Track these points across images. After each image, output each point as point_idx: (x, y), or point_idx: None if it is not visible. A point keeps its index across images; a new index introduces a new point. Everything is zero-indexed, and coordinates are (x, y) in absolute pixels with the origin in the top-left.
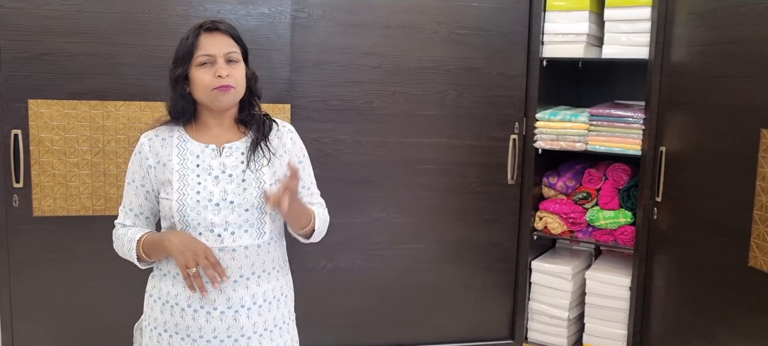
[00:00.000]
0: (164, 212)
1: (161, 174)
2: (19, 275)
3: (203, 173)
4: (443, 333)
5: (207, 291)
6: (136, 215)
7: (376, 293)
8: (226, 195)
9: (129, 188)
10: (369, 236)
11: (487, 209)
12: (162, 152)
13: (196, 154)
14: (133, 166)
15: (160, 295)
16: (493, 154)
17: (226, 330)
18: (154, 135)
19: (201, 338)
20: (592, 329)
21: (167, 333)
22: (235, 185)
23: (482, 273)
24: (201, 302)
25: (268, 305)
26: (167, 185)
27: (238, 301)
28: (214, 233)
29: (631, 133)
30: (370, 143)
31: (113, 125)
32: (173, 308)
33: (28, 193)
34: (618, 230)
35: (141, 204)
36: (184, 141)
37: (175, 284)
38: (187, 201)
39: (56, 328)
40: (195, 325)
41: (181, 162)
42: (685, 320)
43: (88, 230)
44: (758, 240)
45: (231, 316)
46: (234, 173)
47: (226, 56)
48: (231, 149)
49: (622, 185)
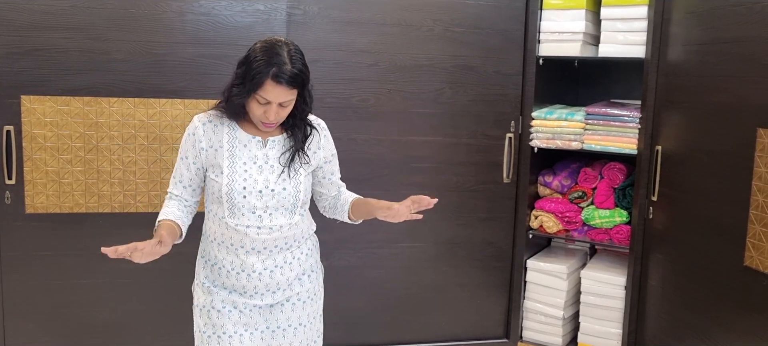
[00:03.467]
0: (212, 190)
1: (213, 157)
2: (11, 273)
3: (249, 162)
4: (438, 332)
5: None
6: (185, 186)
7: (372, 292)
8: (268, 184)
9: (181, 162)
10: (364, 234)
11: (482, 208)
12: (214, 138)
13: (244, 144)
14: (186, 146)
15: (208, 257)
16: (489, 152)
17: (264, 286)
18: (207, 120)
19: (245, 292)
20: (587, 328)
21: (216, 288)
22: (275, 176)
23: (477, 272)
24: (242, 265)
25: (297, 261)
26: (217, 168)
27: (272, 263)
28: (255, 215)
29: (627, 133)
30: (365, 141)
31: (107, 122)
32: (220, 269)
33: (20, 190)
34: (613, 229)
35: (191, 178)
36: (234, 130)
37: (220, 250)
38: (235, 186)
39: (48, 325)
40: (238, 283)
41: (231, 149)
42: (680, 319)
43: (81, 228)
44: (754, 240)
45: (267, 275)
46: (275, 164)
47: (280, 103)
48: (274, 143)
49: (618, 184)
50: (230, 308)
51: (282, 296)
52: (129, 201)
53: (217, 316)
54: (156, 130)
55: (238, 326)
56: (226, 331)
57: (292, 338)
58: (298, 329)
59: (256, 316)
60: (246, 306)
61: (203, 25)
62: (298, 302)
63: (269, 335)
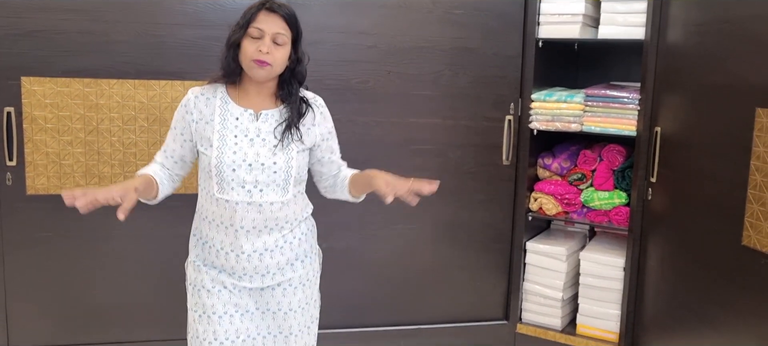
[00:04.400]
0: (202, 164)
1: (203, 130)
2: (12, 254)
3: (240, 135)
4: (437, 314)
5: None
6: (168, 156)
7: (371, 274)
8: (259, 157)
9: (171, 133)
10: (363, 216)
11: (481, 190)
12: (205, 110)
13: (236, 117)
14: (178, 117)
15: (199, 235)
16: (488, 134)
17: (253, 269)
18: (200, 93)
19: (234, 273)
20: (586, 310)
21: (206, 267)
22: (267, 150)
23: (477, 254)
24: (231, 246)
25: (288, 245)
26: (207, 141)
27: (262, 245)
28: (245, 189)
29: (626, 114)
30: (365, 123)
31: (107, 103)
32: (210, 248)
33: (21, 171)
34: (612, 210)
35: (175, 149)
36: (226, 103)
37: (210, 227)
38: (224, 159)
39: (50, 305)
40: (227, 263)
41: (222, 122)
42: (678, 300)
43: None
44: (752, 219)
45: (256, 258)
46: (267, 138)
47: (273, 36)
48: (266, 116)
49: (617, 166)
50: (220, 288)
51: (272, 281)
52: None
53: (207, 295)
54: (156, 112)
55: (228, 306)
56: (216, 311)
57: (282, 322)
58: (288, 313)
59: (245, 297)
60: (235, 287)
61: (203, 7)
62: (290, 288)
63: (259, 317)
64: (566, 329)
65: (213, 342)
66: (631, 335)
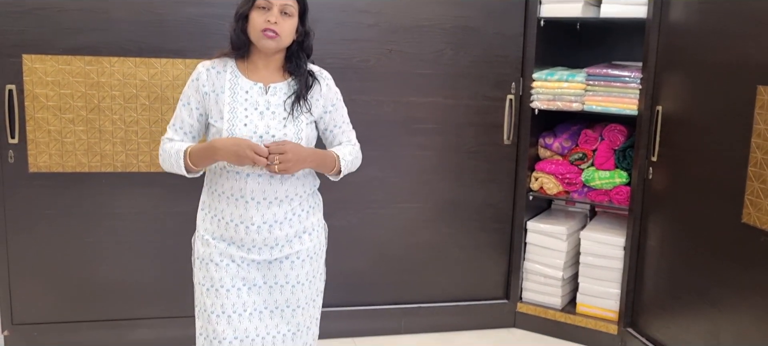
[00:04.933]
0: (212, 137)
1: (214, 102)
2: (15, 231)
3: (250, 108)
4: (438, 293)
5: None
6: (185, 132)
7: (372, 253)
8: (269, 129)
9: (183, 108)
10: (365, 194)
11: (482, 169)
12: (217, 83)
13: (245, 90)
14: (190, 91)
15: (209, 209)
16: (490, 114)
17: (262, 241)
18: (210, 66)
19: (243, 246)
20: (586, 289)
21: (215, 240)
22: (276, 122)
23: (477, 233)
24: (241, 217)
25: (297, 217)
26: (218, 113)
27: (272, 216)
28: None
29: (627, 93)
30: (366, 102)
31: (108, 81)
32: (220, 221)
33: (23, 149)
34: (613, 190)
35: (192, 124)
36: (236, 76)
37: (221, 201)
38: (235, 131)
39: (53, 283)
40: (237, 235)
41: (232, 95)
42: (678, 278)
43: (85, 187)
44: (752, 197)
45: (266, 229)
46: (276, 110)
47: (281, 7)
48: (275, 89)
49: (618, 145)
50: (228, 262)
51: (281, 253)
52: (131, 160)
53: (216, 269)
54: (157, 90)
55: (236, 280)
56: (224, 284)
57: (290, 295)
58: (296, 286)
59: (253, 271)
60: (244, 261)
61: None
62: (297, 260)
63: (266, 291)
64: (566, 307)
65: (221, 315)
66: (630, 313)
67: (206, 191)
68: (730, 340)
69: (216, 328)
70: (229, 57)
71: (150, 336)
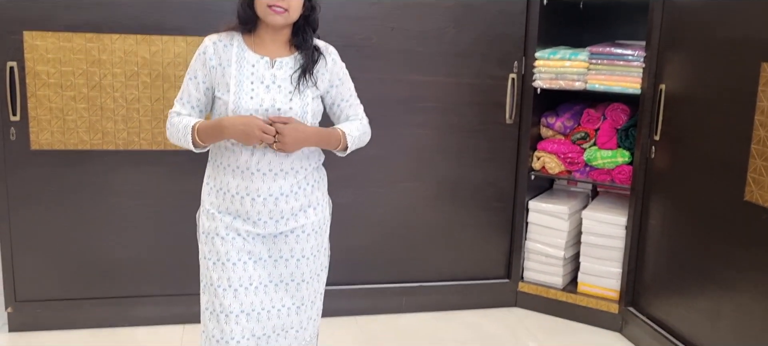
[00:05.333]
0: (219, 110)
1: (221, 76)
2: (18, 209)
3: (257, 82)
4: (439, 272)
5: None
6: (192, 106)
7: (373, 231)
8: (275, 103)
9: (190, 82)
10: (366, 173)
11: (484, 149)
12: (223, 56)
13: (252, 64)
14: (197, 65)
15: (214, 183)
16: (492, 93)
17: (268, 213)
18: (217, 39)
19: (248, 219)
20: (588, 268)
21: (220, 214)
22: (282, 95)
23: (479, 213)
24: (247, 190)
25: (302, 191)
26: (224, 86)
27: (278, 189)
28: None
29: (631, 72)
30: (368, 80)
31: (109, 59)
32: (225, 194)
33: (25, 126)
34: (615, 169)
35: (199, 98)
36: (242, 50)
37: (226, 174)
38: (241, 104)
39: (56, 261)
40: (242, 208)
41: (239, 69)
42: (679, 257)
43: (86, 165)
44: (755, 174)
45: (272, 202)
46: (283, 84)
47: None
48: (281, 63)
49: (621, 124)
50: (234, 236)
51: (286, 227)
52: (133, 138)
53: (221, 243)
54: (158, 67)
55: (242, 254)
56: (230, 258)
57: (294, 269)
58: (301, 260)
59: (259, 245)
60: (249, 234)
61: None
62: (303, 234)
63: (272, 265)
64: (567, 287)
65: (227, 289)
66: (631, 292)
67: (211, 165)
68: (732, 317)
69: (222, 301)
70: (235, 31)
71: (152, 313)
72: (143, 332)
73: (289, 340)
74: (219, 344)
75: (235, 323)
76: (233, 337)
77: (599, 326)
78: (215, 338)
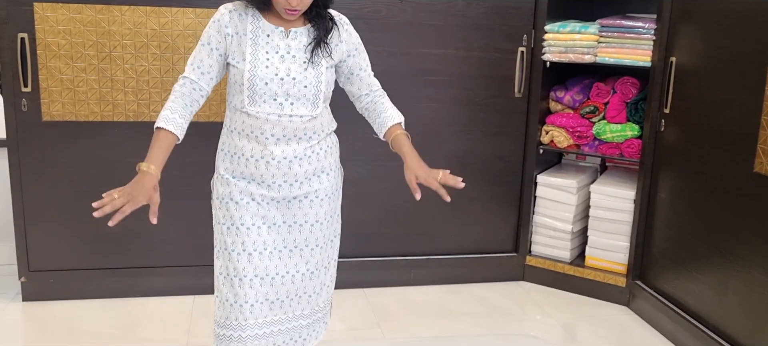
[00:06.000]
0: (234, 78)
1: (236, 44)
2: (30, 180)
3: (272, 51)
4: (447, 246)
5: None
6: (202, 72)
7: (381, 204)
8: (290, 72)
9: (203, 48)
10: (374, 146)
11: (493, 122)
12: (239, 25)
13: (267, 33)
14: (211, 32)
15: (228, 148)
16: (501, 66)
17: (282, 176)
18: (232, 8)
19: (263, 182)
20: (596, 242)
21: (235, 179)
22: (297, 65)
23: (487, 186)
24: (261, 153)
25: (315, 155)
26: (240, 55)
27: (291, 152)
28: (277, 102)
29: (641, 45)
30: (376, 53)
31: (119, 30)
32: (239, 158)
33: (36, 97)
34: (624, 143)
35: (210, 65)
36: (257, 19)
37: (241, 138)
38: (256, 73)
39: (68, 231)
40: (257, 172)
41: (254, 38)
42: (688, 230)
43: (97, 136)
44: (764, 146)
45: (285, 164)
46: (297, 55)
47: None
48: (296, 34)
49: (631, 98)
50: (248, 200)
51: (299, 191)
52: (143, 110)
53: (235, 207)
54: (168, 39)
55: (256, 219)
56: (244, 222)
57: (308, 234)
58: (315, 225)
59: (273, 209)
60: (263, 199)
61: None
62: (316, 199)
63: (285, 230)
64: (575, 261)
65: (241, 253)
66: (639, 266)
67: (225, 131)
68: (740, 289)
69: (236, 265)
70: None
71: (163, 285)
72: (154, 303)
73: (302, 305)
74: (232, 307)
75: (249, 287)
76: (247, 301)
77: (606, 300)
78: (229, 301)
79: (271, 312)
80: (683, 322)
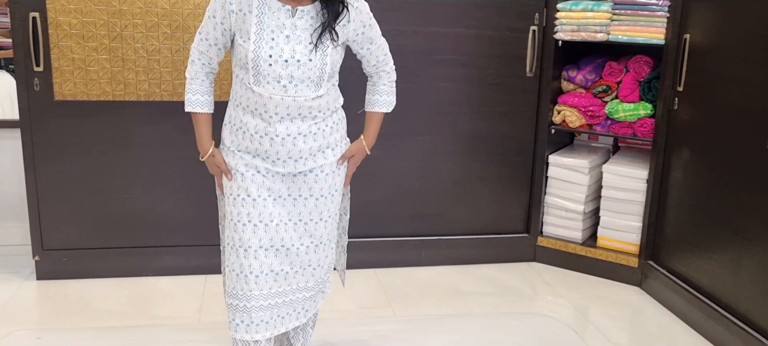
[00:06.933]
0: (239, 55)
1: (241, 22)
2: (43, 159)
3: (277, 30)
4: (459, 226)
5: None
6: (210, 44)
7: (392, 185)
8: (294, 53)
9: (209, 21)
10: (384, 126)
11: (504, 102)
12: (244, 2)
13: (273, 11)
14: (216, 6)
15: (234, 122)
16: (512, 45)
17: (286, 153)
18: None
19: (268, 157)
20: (608, 222)
21: (240, 152)
22: (302, 46)
23: (499, 166)
24: (265, 129)
25: (321, 132)
26: (245, 33)
27: (296, 130)
28: (281, 84)
29: (654, 22)
30: (387, 32)
31: (130, 9)
32: (244, 133)
33: (48, 77)
34: (637, 122)
35: (217, 37)
36: None
37: (245, 114)
38: (261, 53)
39: (81, 210)
40: (261, 148)
41: (259, 16)
42: (701, 208)
43: (109, 116)
44: None
45: (290, 141)
46: (303, 34)
47: None
48: (303, 12)
49: (644, 77)
50: (254, 172)
51: (305, 167)
52: (154, 89)
53: (241, 178)
54: (179, 18)
55: (262, 190)
56: (251, 193)
57: (313, 207)
58: (320, 199)
59: (278, 182)
60: (269, 172)
61: None
62: (322, 174)
63: (291, 203)
64: (587, 241)
65: (247, 223)
66: (651, 246)
67: (231, 105)
68: (753, 268)
69: (242, 236)
70: None
71: (174, 264)
72: (166, 282)
73: (306, 277)
74: (238, 278)
75: (254, 258)
76: (252, 271)
77: (618, 281)
78: (235, 272)
79: (275, 283)
80: (696, 301)
